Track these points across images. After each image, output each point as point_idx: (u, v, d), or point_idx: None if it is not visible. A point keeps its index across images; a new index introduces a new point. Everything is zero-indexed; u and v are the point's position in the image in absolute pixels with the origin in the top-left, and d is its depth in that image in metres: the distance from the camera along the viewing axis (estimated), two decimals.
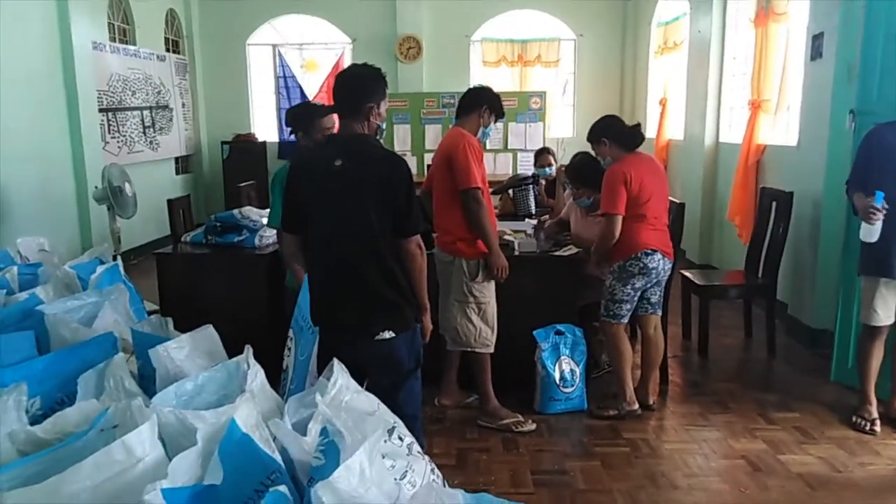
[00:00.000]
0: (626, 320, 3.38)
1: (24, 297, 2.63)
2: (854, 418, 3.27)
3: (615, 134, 3.34)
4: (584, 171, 3.72)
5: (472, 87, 3.48)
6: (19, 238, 3.58)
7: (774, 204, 4.28)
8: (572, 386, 3.39)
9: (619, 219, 3.21)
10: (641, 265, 3.27)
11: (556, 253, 3.63)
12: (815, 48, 4.29)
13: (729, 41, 6.01)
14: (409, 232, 2.29)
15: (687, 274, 4.42)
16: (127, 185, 5.50)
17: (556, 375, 3.36)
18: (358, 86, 2.33)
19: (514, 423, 3.26)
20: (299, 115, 3.24)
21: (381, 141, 2.47)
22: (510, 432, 3.22)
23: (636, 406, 3.38)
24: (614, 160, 3.31)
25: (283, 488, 1.41)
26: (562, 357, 3.39)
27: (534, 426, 3.26)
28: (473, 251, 3.20)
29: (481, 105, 3.27)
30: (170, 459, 1.51)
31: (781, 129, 5.11)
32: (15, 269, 2.96)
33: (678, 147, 7.07)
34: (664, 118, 7.40)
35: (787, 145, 4.88)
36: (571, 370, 3.40)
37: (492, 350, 3.28)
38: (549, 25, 8.95)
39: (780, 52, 4.96)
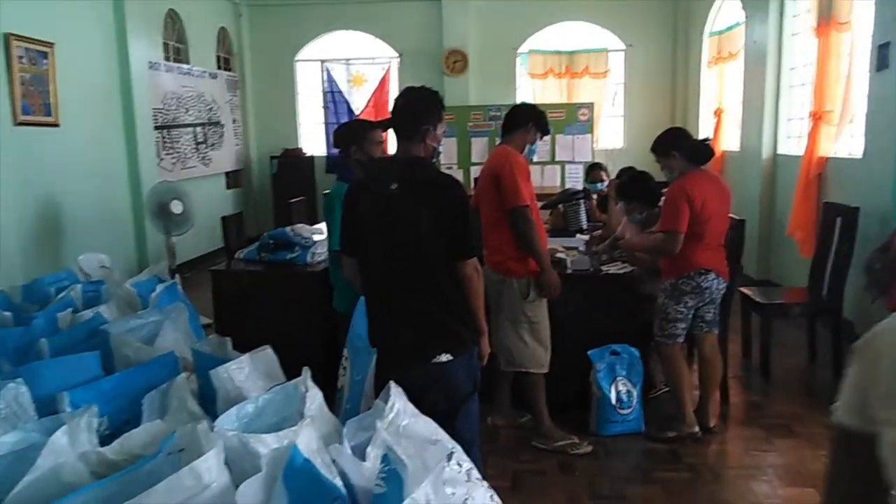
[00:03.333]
0: (681, 339, 3.28)
1: (89, 315, 2.70)
2: None
3: (685, 148, 3.24)
4: (633, 187, 3.64)
5: (517, 104, 3.44)
6: (81, 255, 3.70)
7: (839, 220, 4.12)
8: (629, 407, 3.31)
9: (681, 237, 3.12)
10: (694, 284, 3.18)
11: (611, 271, 3.56)
12: (881, 58, 4.13)
13: (787, 51, 5.85)
14: (465, 255, 2.26)
15: (747, 291, 4.28)
16: (176, 202, 5.61)
17: (613, 396, 3.29)
18: (415, 108, 2.34)
19: (569, 445, 3.19)
20: (353, 129, 3.27)
21: (438, 162, 2.46)
22: (565, 454, 3.15)
23: (696, 429, 3.27)
24: (680, 175, 3.23)
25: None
26: (618, 378, 3.32)
27: (590, 448, 3.19)
28: (524, 270, 3.15)
29: (527, 122, 3.23)
30: (233, 482, 1.52)
31: (845, 141, 4.93)
32: (79, 287, 3.05)
33: (734, 159, 6.89)
34: (719, 129, 7.23)
35: (852, 158, 4.70)
36: (628, 391, 3.32)
37: (546, 370, 3.22)
38: (598, 36, 8.86)
39: (843, 62, 4.79)
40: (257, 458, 1.60)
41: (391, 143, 2.65)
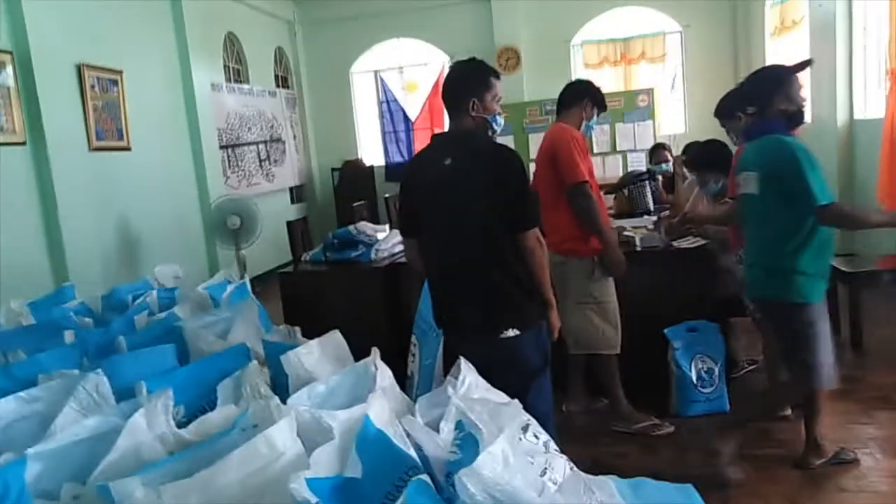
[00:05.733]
0: None
1: (164, 316, 2.78)
2: None
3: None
4: (708, 155, 3.48)
5: (570, 81, 3.35)
6: (157, 266, 3.84)
7: None
8: (711, 386, 3.16)
9: None
10: None
11: (682, 245, 3.42)
12: None
13: (857, 9, 5.53)
14: (526, 226, 2.21)
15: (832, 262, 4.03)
16: (233, 217, 5.78)
17: (693, 375, 3.14)
18: (455, 82, 2.34)
19: (650, 426, 3.07)
20: (776, 78, 2.60)
21: (497, 131, 2.39)
22: (646, 436, 3.03)
23: (788, 411, 3.08)
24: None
25: (424, 477, 1.37)
26: (697, 356, 3.17)
27: (672, 429, 3.06)
28: (587, 249, 3.05)
29: (582, 98, 3.14)
30: (307, 453, 1.51)
31: None
32: (154, 293, 3.15)
33: (805, 131, 6.52)
34: None
35: None
36: (709, 369, 3.17)
37: (618, 351, 3.11)
38: (653, 20, 8.62)
39: None
40: (330, 432, 1.58)
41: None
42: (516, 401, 1.75)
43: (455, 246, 2.26)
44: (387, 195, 6.41)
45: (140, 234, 5.72)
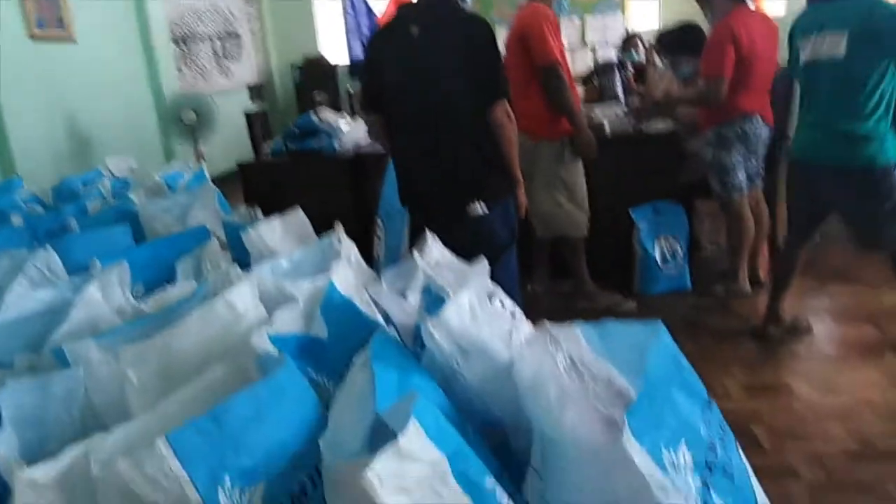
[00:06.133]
0: (746, 190, 3.08)
1: (118, 202, 2.67)
2: None
3: None
4: (681, 37, 3.39)
5: None
6: (108, 157, 3.67)
7: None
8: (674, 265, 3.20)
9: (725, 83, 2.89)
10: (739, 130, 2.97)
11: (651, 130, 3.37)
12: None
13: None
14: (494, 96, 2.12)
15: None
16: (187, 111, 5.55)
17: (657, 254, 3.18)
18: None
19: (613, 303, 3.12)
20: None
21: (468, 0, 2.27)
22: (611, 313, 3.09)
23: (747, 287, 3.16)
24: (724, 16, 2.97)
25: (388, 329, 1.35)
26: (661, 235, 3.20)
27: (634, 304, 3.12)
28: (557, 131, 2.99)
29: None
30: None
31: None
32: (108, 181, 3.03)
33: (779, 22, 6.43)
34: None
35: None
36: (672, 249, 3.20)
37: (584, 233, 3.12)
38: None
39: None
40: (294, 300, 1.55)
41: None
42: (484, 264, 1.73)
43: (422, 120, 2.17)
44: (350, 92, 6.18)
45: (91, 130, 5.45)
